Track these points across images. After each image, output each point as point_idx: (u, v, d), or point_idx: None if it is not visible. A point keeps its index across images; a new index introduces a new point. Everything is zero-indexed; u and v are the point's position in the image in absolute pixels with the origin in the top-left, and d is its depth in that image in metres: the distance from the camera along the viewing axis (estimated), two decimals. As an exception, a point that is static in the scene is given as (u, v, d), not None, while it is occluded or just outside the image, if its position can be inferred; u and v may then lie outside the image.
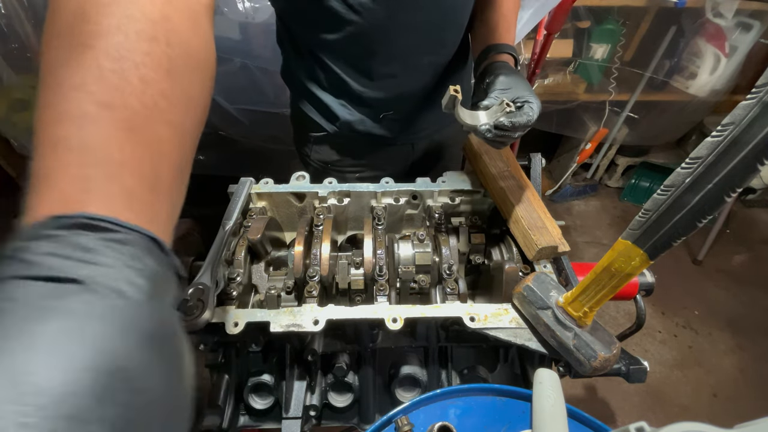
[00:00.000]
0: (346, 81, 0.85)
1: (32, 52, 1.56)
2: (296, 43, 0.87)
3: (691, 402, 1.76)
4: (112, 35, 0.31)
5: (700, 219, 0.40)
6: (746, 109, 0.35)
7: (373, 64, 0.82)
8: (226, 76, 1.61)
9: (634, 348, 1.94)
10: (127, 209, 0.28)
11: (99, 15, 0.31)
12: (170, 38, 0.34)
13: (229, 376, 0.69)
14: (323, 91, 0.90)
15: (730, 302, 2.13)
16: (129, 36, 0.32)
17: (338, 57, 0.83)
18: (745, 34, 1.89)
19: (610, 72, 2.09)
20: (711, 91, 2.04)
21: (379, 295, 0.66)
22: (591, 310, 0.53)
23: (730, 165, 0.36)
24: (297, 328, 0.60)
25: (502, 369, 0.71)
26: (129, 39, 0.31)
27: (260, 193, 0.82)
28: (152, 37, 0.33)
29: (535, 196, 0.75)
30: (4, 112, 1.76)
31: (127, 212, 0.28)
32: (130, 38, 0.31)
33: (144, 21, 0.33)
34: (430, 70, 0.87)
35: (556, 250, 0.68)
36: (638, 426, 0.32)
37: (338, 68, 0.84)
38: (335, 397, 0.69)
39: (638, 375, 0.64)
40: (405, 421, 0.50)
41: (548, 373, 0.54)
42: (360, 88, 0.85)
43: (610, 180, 2.76)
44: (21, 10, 1.47)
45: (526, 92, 0.67)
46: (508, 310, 0.63)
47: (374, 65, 0.82)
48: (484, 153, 0.82)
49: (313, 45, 0.83)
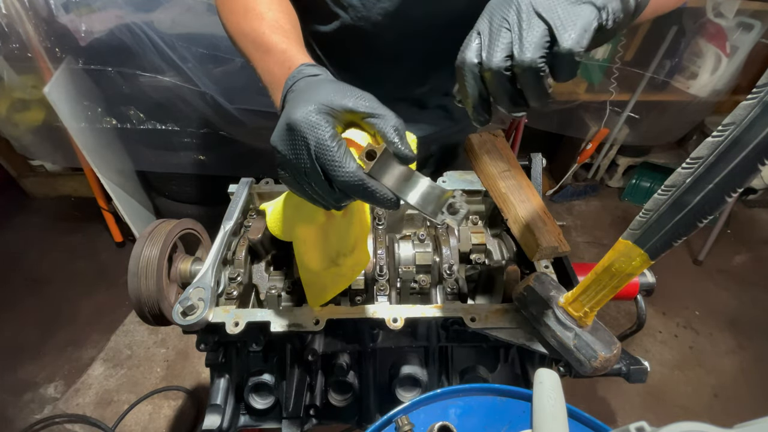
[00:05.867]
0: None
1: (33, 52, 1.57)
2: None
3: (692, 402, 1.76)
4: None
5: (701, 219, 0.40)
6: (747, 109, 0.35)
7: (363, 62, 0.83)
8: (226, 76, 1.61)
9: (634, 348, 1.94)
10: (304, 55, 0.58)
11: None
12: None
13: (229, 376, 0.69)
14: None
15: (730, 302, 2.13)
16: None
17: (331, 53, 0.85)
18: (746, 34, 1.89)
19: (610, 72, 2.08)
20: (712, 91, 2.04)
21: (380, 295, 0.66)
22: (591, 310, 0.53)
23: (731, 165, 0.36)
24: (297, 328, 0.60)
25: (503, 369, 0.71)
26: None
27: (261, 193, 0.82)
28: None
29: (535, 196, 0.75)
30: (4, 112, 1.77)
31: (305, 57, 0.57)
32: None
33: None
34: (418, 69, 0.86)
35: (557, 250, 0.68)
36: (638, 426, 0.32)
37: (332, 66, 0.85)
38: (335, 396, 0.69)
39: (639, 375, 0.64)
40: (405, 421, 0.50)
41: (549, 373, 0.53)
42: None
43: (610, 180, 2.76)
44: (22, 9, 1.47)
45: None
46: (508, 310, 0.63)
47: (363, 63, 0.83)
48: (485, 153, 0.82)
49: (308, 35, 0.84)
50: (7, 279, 2.14)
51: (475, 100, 0.46)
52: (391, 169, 0.45)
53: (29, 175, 2.51)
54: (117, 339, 1.93)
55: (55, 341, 1.90)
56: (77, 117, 1.72)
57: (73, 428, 1.64)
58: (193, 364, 1.84)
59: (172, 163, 1.84)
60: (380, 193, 0.43)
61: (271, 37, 0.61)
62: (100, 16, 1.55)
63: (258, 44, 0.62)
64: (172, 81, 1.56)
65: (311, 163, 0.43)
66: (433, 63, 0.86)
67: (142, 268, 0.66)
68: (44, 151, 1.95)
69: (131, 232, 2.14)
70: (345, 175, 0.42)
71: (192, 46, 1.54)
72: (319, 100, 0.44)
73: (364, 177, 0.42)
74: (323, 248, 0.60)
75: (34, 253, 2.28)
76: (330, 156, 0.42)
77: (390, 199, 0.44)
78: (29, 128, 1.82)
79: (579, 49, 0.39)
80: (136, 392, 1.74)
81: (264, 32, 0.62)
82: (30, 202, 2.57)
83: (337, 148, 0.42)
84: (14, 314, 1.99)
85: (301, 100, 0.45)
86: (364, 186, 0.42)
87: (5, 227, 2.41)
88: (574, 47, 0.39)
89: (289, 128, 0.44)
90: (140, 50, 1.50)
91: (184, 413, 1.70)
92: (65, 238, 2.35)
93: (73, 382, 1.78)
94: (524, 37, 0.40)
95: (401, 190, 0.46)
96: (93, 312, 2.02)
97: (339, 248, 0.61)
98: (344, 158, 0.42)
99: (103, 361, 1.85)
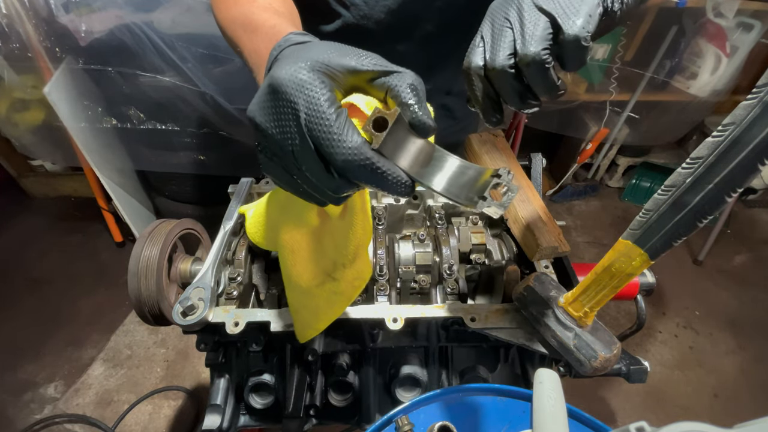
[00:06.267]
0: None
1: (33, 52, 1.57)
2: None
3: (692, 402, 1.76)
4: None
5: (701, 219, 0.40)
6: (747, 109, 0.35)
7: None
8: (226, 76, 1.61)
9: (634, 348, 1.94)
10: (293, 26, 0.52)
11: None
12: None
13: (229, 376, 0.69)
14: None
15: (730, 302, 2.13)
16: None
17: None
18: (746, 34, 1.89)
19: (610, 72, 2.08)
20: (712, 91, 2.04)
21: (380, 295, 0.66)
22: (591, 310, 0.53)
23: (731, 165, 0.36)
24: (297, 328, 0.60)
25: (503, 369, 0.71)
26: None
27: (261, 193, 0.82)
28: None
29: (535, 196, 0.75)
30: (4, 112, 1.77)
31: (293, 28, 0.51)
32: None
33: None
34: (421, 68, 0.86)
35: (557, 250, 0.68)
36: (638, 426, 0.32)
37: None
38: (335, 396, 0.69)
39: (639, 375, 0.64)
40: (405, 420, 0.50)
41: (549, 373, 0.53)
42: None
43: (610, 180, 2.76)
44: (21, 9, 1.47)
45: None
46: (508, 310, 0.63)
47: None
48: (485, 153, 0.82)
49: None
50: (7, 279, 2.14)
51: (485, 101, 0.46)
52: (406, 144, 0.35)
53: (29, 175, 2.51)
54: (117, 339, 1.93)
55: (55, 341, 1.90)
56: (77, 117, 1.72)
57: (73, 428, 1.64)
58: (193, 364, 1.84)
59: (172, 163, 1.84)
60: (393, 175, 0.34)
61: (260, 15, 0.55)
62: (100, 16, 1.55)
63: (246, 25, 0.56)
64: (172, 81, 1.56)
65: (301, 139, 0.33)
66: (436, 62, 0.86)
67: (142, 268, 0.66)
68: (44, 151, 1.95)
69: (131, 232, 2.14)
70: (346, 153, 0.32)
71: (192, 46, 1.54)
72: (313, 57, 0.35)
73: (372, 154, 0.33)
74: (317, 258, 0.50)
75: (34, 253, 2.28)
76: (326, 127, 0.32)
77: (405, 183, 0.35)
78: (29, 128, 1.82)
79: (585, 35, 0.39)
80: (136, 392, 1.74)
81: (253, 12, 0.56)
82: (30, 202, 2.57)
83: (335, 116, 0.32)
84: (14, 314, 1.99)
85: (289, 60, 0.35)
86: (373, 166, 0.32)
87: (5, 227, 2.41)
88: (580, 33, 0.39)
89: (273, 91, 0.34)
90: (140, 50, 1.50)
91: (184, 413, 1.70)
92: (65, 238, 2.35)
93: (73, 382, 1.78)
94: (526, 32, 0.40)
95: (421, 172, 0.36)
96: (93, 312, 2.02)
97: (336, 257, 0.51)
98: (345, 129, 0.32)
99: (103, 361, 1.85)
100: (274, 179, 0.39)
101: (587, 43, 0.39)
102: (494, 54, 0.42)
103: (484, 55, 0.44)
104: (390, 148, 0.34)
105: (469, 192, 0.36)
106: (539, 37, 0.40)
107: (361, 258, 0.54)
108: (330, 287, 0.52)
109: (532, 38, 0.40)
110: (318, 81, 0.33)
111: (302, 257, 0.50)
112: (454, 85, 0.95)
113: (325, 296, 0.53)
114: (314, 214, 0.46)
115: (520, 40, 0.40)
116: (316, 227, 0.48)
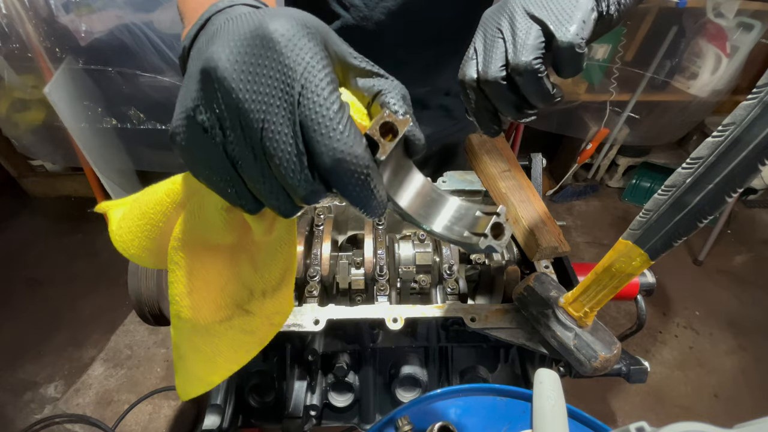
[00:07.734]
0: None
1: (33, 52, 1.56)
2: None
3: (692, 402, 1.76)
4: None
5: (701, 219, 0.40)
6: (747, 110, 0.35)
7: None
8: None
9: (634, 348, 1.94)
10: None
11: None
12: None
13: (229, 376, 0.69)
14: None
15: (731, 303, 2.13)
16: None
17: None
18: (746, 34, 1.89)
19: (611, 72, 2.08)
20: (712, 91, 2.03)
21: (380, 295, 0.66)
22: (592, 310, 0.53)
23: (731, 165, 0.36)
24: (297, 327, 0.60)
25: (503, 369, 0.71)
26: None
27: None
28: None
29: (535, 196, 0.75)
30: (4, 112, 1.77)
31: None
32: None
33: None
34: (420, 70, 0.86)
35: (557, 250, 0.68)
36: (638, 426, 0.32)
37: None
38: (335, 397, 0.69)
39: (639, 375, 0.64)
40: (405, 421, 0.50)
41: (549, 373, 0.53)
42: None
43: (611, 180, 2.76)
44: (21, 9, 1.47)
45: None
46: (508, 310, 0.63)
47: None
48: (485, 153, 0.82)
49: None
50: (7, 279, 2.14)
51: (481, 113, 0.46)
52: (395, 164, 0.29)
53: (29, 175, 2.51)
54: (117, 339, 1.93)
55: (55, 341, 1.90)
56: (77, 117, 1.72)
57: (73, 428, 1.64)
58: (193, 364, 1.84)
59: (172, 163, 1.84)
60: (380, 195, 0.28)
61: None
62: (100, 16, 1.55)
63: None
64: (172, 81, 1.56)
65: (284, 117, 0.25)
66: (436, 62, 0.86)
67: (142, 268, 0.66)
68: (44, 151, 1.95)
69: (131, 232, 2.14)
70: (341, 151, 0.25)
71: (192, 46, 1.53)
72: (311, 23, 0.27)
73: (372, 164, 0.26)
74: (225, 284, 0.38)
75: (34, 253, 2.28)
76: (325, 110, 0.25)
77: (384, 206, 0.29)
78: (29, 128, 1.82)
79: (579, 41, 0.38)
80: (136, 392, 1.74)
81: None
82: (30, 202, 2.57)
83: (339, 104, 0.25)
84: (14, 314, 1.99)
85: (282, 15, 0.27)
86: (368, 178, 0.26)
87: (5, 227, 2.41)
88: (574, 40, 0.38)
89: (262, 44, 0.26)
90: (140, 50, 1.50)
91: (184, 413, 1.70)
92: (65, 238, 2.35)
93: (73, 382, 1.78)
94: (517, 41, 0.40)
95: (413, 207, 0.31)
96: (93, 312, 2.01)
97: (254, 284, 0.39)
98: (347, 122, 0.25)
99: (103, 361, 1.85)
100: (200, 166, 0.28)
101: (582, 49, 0.39)
102: (486, 66, 0.42)
103: (477, 67, 0.43)
104: (385, 165, 0.28)
105: (461, 229, 0.32)
106: (531, 46, 0.39)
107: (286, 287, 0.42)
108: (239, 324, 0.39)
109: (523, 48, 0.39)
110: (324, 53, 0.27)
111: (204, 282, 0.36)
112: (453, 85, 0.95)
113: (230, 336, 0.40)
114: (234, 225, 0.33)
115: (512, 50, 0.40)
116: (233, 243, 0.35)
